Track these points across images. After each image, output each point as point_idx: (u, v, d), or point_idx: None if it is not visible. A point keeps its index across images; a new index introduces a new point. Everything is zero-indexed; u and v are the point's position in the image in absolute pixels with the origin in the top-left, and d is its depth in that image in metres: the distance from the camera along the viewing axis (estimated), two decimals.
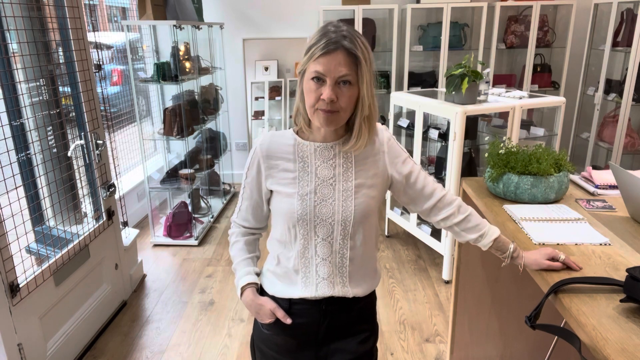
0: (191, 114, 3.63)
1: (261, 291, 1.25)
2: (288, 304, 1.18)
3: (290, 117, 4.67)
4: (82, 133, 2.45)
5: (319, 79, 1.03)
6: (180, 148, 4.11)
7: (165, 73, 3.38)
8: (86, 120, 2.43)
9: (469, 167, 3.04)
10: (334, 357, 1.21)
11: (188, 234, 3.59)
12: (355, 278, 1.17)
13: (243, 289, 1.21)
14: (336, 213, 1.11)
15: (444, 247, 2.90)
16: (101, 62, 2.69)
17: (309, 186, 1.12)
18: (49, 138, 2.33)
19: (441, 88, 3.69)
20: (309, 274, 1.15)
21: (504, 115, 3.03)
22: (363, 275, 1.19)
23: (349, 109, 1.06)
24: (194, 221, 3.62)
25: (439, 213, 1.21)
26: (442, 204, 1.20)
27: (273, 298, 1.20)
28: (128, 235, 2.97)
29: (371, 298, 1.25)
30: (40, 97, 2.27)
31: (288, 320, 1.15)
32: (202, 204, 4.07)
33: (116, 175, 2.94)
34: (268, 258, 1.25)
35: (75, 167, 2.46)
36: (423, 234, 3.11)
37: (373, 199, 1.14)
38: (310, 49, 1.04)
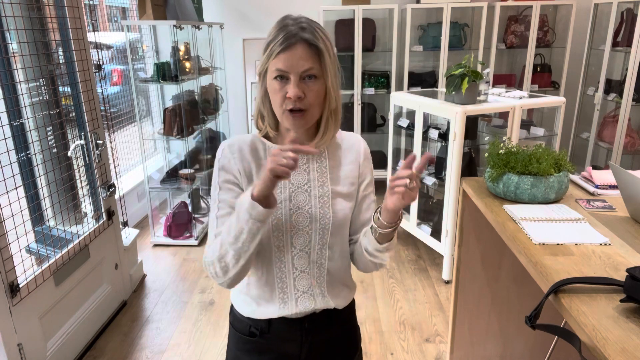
0: (191, 114, 3.63)
1: (232, 312, 1.16)
2: (267, 325, 1.09)
3: None
4: (82, 133, 2.45)
5: (282, 77, 0.96)
6: (180, 148, 4.11)
7: (165, 73, 3.38)
8: (86, 120, 2.43)
9: (469, 167, 3.04)
10: None
11: (188, 234, 3.59)
12: (334, 289, 1.12)
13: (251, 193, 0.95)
14: (313, 221, 1.05)
15: (444, 247, 2.90)
16: (101, 62, 2.69)
17: (283, 193, 1.05)
18: (49, 138, 2.33)
19: (441, 88, 3.69)
20: (286, 289, 1.08)
21: (504, 115, 3.03)
22: (341, 286, 1.14)
23: (318, 105, 0.99)
24: (194, 221, 3.62)
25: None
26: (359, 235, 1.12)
27: (249, 319, 1.10)
28: (128, 235, 2.97)
29: (351, 308, 1.20)
30: (40, 97, 2.27)
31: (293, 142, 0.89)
32: (202, 204, 4.07)
33: (116, 175, 2.94)
34: None
35: (75, 167, 2.46)
36: (423, 234, 3.11)
37: (350, 209, 1.09)
38: (268, 45, 0.97)
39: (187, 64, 3.59)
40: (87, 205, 2.59)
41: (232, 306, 1.16)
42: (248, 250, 0.96)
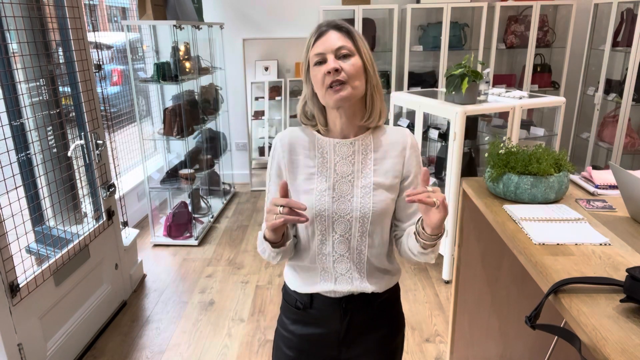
0: (191, 114, 3.63)
1: (284, 286, 1.26)
2: (309, 299, 1.19)
3: (291, 116, 4.68)
4: (82, 133, 2.45)
5: (321, 62, 1.07)
6: (180, 148, 4.11)
7: (165, 73, 3.38)
8: (86, 120, 2.43)
9: (469, 167, 3.04)
10: (356, 355, 1.21)
11: (188, 234, 3.59)
12: (374, 275, 1.18)
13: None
14: (354, 210, 1.11)
15: (444, 247, 2.90)
16: (101, 62, 2.69)
17: (328, 182, 1.13)
18: (49, 138, 2.33)
19: (441, 88, 3.69)
20: (327, 269, 1.16)
21: (504, 115, 3.03)
22: (382, 272, 1.20)
23: (357, 78, 1.07)
24: (194, 221, 3.62)
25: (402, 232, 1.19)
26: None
27: (296, 294, 1.21)
28: (128, 235, 2.97)
29: (393, 291, 1.25)
30: (40, 97, 2.27)
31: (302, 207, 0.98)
32: (202, 204, 4.07)
33: (116, 175, 2.94)
34: None
35: (75, 167, 2.46)
36: None
37: (392, 200, 1.15)
38: (307, 43, 1.11)
39: (187, 64, 3.59)
40: (87, 205, 2.59)
41: (284, 281, 1.28)
42: (276, 258, 1.13)
